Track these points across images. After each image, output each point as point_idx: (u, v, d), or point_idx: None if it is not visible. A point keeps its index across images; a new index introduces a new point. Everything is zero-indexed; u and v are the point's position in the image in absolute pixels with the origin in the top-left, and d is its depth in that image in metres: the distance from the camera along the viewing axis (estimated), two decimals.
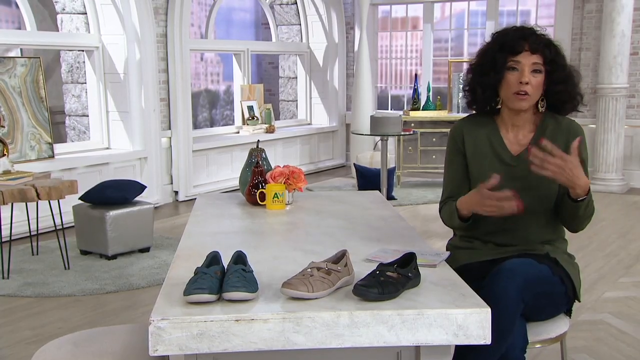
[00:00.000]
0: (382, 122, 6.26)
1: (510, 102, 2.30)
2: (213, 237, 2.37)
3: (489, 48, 2.33)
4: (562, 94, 2.30)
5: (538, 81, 2.26)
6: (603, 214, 6.32)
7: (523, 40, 2.25)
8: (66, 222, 5.03)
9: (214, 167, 7.46)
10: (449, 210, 2.37)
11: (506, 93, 2.29)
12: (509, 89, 2.27)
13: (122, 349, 1.98)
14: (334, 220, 2.58)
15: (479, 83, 2.34)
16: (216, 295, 1.68)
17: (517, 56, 2.25)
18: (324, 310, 1.64)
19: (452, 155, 2.45)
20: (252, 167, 2.86)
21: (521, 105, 2.28)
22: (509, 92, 2.27)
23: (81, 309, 3.96)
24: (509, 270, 2.08)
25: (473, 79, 2.37)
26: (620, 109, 7.30)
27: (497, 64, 2.27)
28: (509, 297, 2.02)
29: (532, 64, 2.24)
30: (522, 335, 2.09)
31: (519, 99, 2.26)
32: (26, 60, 5.87)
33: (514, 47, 2.25)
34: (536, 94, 2.28)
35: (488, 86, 2.32)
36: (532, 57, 2.24)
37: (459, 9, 9.18)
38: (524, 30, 2.28)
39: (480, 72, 2.33)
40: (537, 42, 2.25)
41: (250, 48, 8.33)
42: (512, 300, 2.02)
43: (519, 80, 2.24)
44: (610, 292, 4.18)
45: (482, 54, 2.36)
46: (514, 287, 2.03)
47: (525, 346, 2.10)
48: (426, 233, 5.59)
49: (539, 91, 2.28)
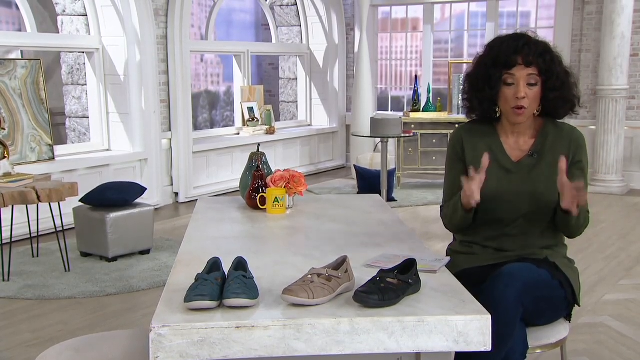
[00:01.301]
0: (382, 123, 6.26)
1: (508, 116, 2.31)
2: (213, 241, 2.37)
3: (483, 62, 2.31)
4: (557, 100, 2.30)
5: (535, 93, 2.26)
6: (603, 215, 6.32)
7: (516, 54, 2.23)
8: (66, 224, 5.03)
9: (214, 168, 7.46)
10: (452, 205, 2.35)
11: (504, 107, 2.29)
12: (507, 104, 2.27)
13: (123, 355, 1.98)
14: (335, 225, 2.58)
15: (475, 96, 2.34)
16: (217, 302, 1.68)
17: (511, 70, 2.23)
18: (325, 316, 1.64)
19: (452, 162, 2.45)
20: (252, 171, 2.86)
21: (518, 120, 2.29)
22: (506, 106, 2.28)
23: (81, 311, 3.96)
24: (509, 274, 2.08)
25: (470, 91, 2.37)
26: (620, 111, 7.30)
27: (492, 79, 2.26)
28: (509, 302, 2.02)
29: (527, 76, 2.24)
30: (522, 340, 2.09)
31: (516, 114, 2.27)
32: (26, 62, 5.87)
33: (507, 62, 2.23)
34: (533, 106, 2.28)
35: (485, 100, 2.32)
36: (526, 70, 2.23)
37: (459, 10, 9.18)
38: (517, 42, 2.25)
39: (476, 86, 2.33)
40: (530, 54, 2.23)
41: (251, 49, 8.33)
42: (511, 305, 2.02)
43: (515, 95, 2.24)
44: (611, 294, 4.18)
45: (477, 65, 2.34)
46: (513, 292, 2.03)
47: (525, 351, 2.10)
48: (426, 235, 5.59)
49: (537, 102, 2.28)
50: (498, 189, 2.31)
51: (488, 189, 2.32)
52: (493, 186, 2.32)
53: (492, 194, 2.31)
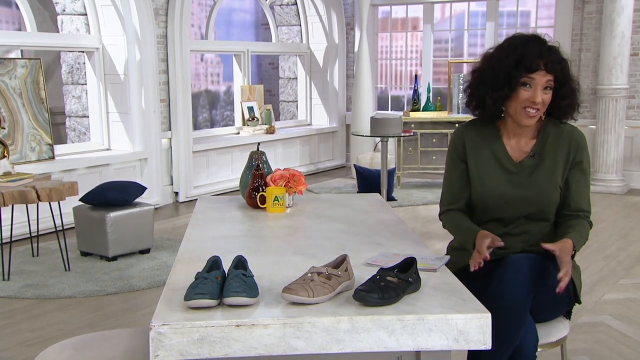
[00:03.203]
0: (382, 123, 6.26)
1: (517, 116, 2.28)
2: (213, 241, 2.37)
3: (504, 62, 2.26)
4: (567, 107, 2.31)
5: (548, 98, 2.26)
6: (603, 215, 6.32)
7: (540, 59, 2.22)
8: (66, 224, 5.03)
9: (214, 168, 7.46)
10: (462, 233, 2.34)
11: (515, 107, 2.27)
12: (519, 104, 2.25)
13: (123, 354, 1.98)
14: (335, 224, 2.58)
15: (490, 95, 2.30)
16: (217, 301, 1.68)
17: (532, 73, 2.23)
18: (325, 315, 1.64)
19: (453, 162, 2.44)
20: (252, 170, 2.86)
21: (529, 122, 2.28)
22: (518, 106, 2.26)
23: (81, 310, 3.96)
24: (517, 261, 2.11)
25: (482, 88, 2.32)
26: (620, 110, 7.30)
27: (513, 81, 2.24)
28: (518, 287, 2.04)
29: (545, 82, 2.24)
30: (533, 332, 2.12)
31: (527, 116, 2.26)
32: (26, 62, 5.87)
33: (531, 66, 2.22)
34: (543, 110, 2.29)
35: (499, 99, 2.29)
36: (547, 76, 2.23)
37: (459, 10, 9.18)
38: (542, 47, 2.24)
39: (493, 85, 2.28)
40: (552, 61, 2.23)
41: (251, 49, 8.33)
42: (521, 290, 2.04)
43: (531, 98, 2.23)
44: (610, 294, 4.18)
45: (494, 64, 2.29)
46: (522, 277, 2.06)
47: (537, 343, 2.12)
48: (426, 234, 5.59)
49: (546, 107, 2.29)
50: (499, 189, 2.32)
51: (489, 189, 2.33)
52: (494, 187, 2.32)
53: (493, 194, 2.32)
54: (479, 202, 2.36)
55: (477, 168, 2.37)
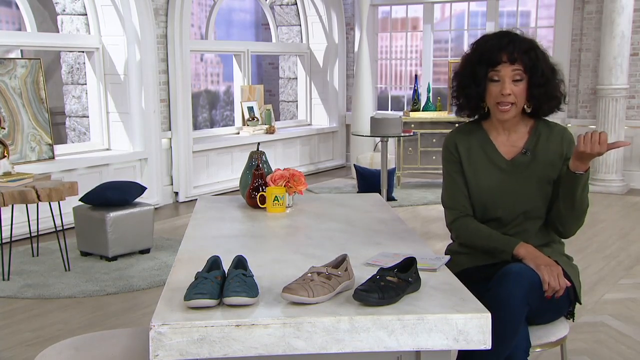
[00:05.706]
0: (382, 123, 6.26)
1: (494, 112, 2.32)
2: (213, 240, 2.37)
3: (469, 59, 2.33)
4: (541, 96, 2.31)
5: (520, 89, 2.27)
6: (603, 215, 6.32)
7: (501, 51, 2.24)
8: (66, 224, 5.03)
9: (214, 168, 7.46)
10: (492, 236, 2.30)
11: (490, 103, 2.31)
12: (492, 99, 2.29)
13: (123, 354, 1.98)
14: (334, 224, 2.58)
15: (462, 93, 2.37)
16: (217, 300, 1.68)
17: (496, 67, 2.25)
18: (325, 315, 1.64)
19: (450, 166, 2.44)
20: (252, 170, 2.86)
21: (504, 117, 2.29)
22: (492, 102, 2.30)
23: (81, 310, 3.96)
24: (516, 273, 2.09)
25: (458, 89, 2.39)
26: (620, 110, 7.30)
27: (477, 76, 2.28)
28: (516, 300, 2.04)
29: (512, 73, 2.25)
30: (526, 338, 2.12)
31: (501, 111, 2.28)
32: (26, 62, 5.87)
33: (492, 59, 2.25)
34: (521, 102, 2.29)
35: (472, 97, 2.34)
36: (511, 67, 2.24)
37: (459, 10, 9.18)
38: (502, 40, 2.27)
39: (463, 83, 2.35)
40: (515, 50, 2.24)
41: (251, 49, 8.33)
42: (518, 303, 2.04)
43: (500, 91, 2.25)
44: (611, 294, 4.18)
45: (464, 63, 2.36)
46: (520, 290, 2.05)
47: (528, 348, 2.12)
48: (426, 234, 5.59)
49: (523, 98, 2.29)
50: (494, 187, 2.34)
51: (485, 188, 2.34)
52: (489, 185, 2.34)
53: (489, 193, 2.33)
54: (477, 203, 2.37)
55: (472, 169, 2.38)
